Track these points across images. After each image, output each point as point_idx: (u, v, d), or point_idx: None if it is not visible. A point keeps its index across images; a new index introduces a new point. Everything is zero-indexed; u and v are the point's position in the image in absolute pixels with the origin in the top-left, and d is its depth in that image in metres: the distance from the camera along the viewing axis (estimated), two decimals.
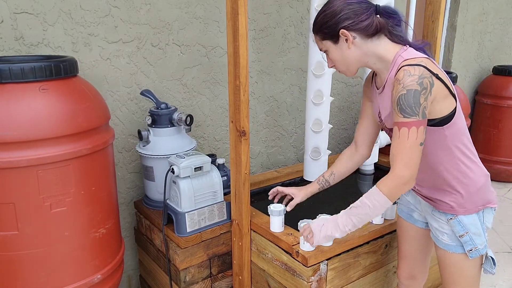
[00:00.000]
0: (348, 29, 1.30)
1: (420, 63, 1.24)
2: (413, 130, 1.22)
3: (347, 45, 1.33)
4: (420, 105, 1.21)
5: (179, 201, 1.84)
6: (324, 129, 1.97)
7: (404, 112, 1.22)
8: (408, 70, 1.23)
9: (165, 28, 2.16)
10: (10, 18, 1.76)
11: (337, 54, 1.37)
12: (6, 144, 1.37)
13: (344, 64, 1.38)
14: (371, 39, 1.32)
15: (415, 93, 1.20)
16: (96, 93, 1.65)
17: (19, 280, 1.49)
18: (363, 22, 1.29)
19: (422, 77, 1.21)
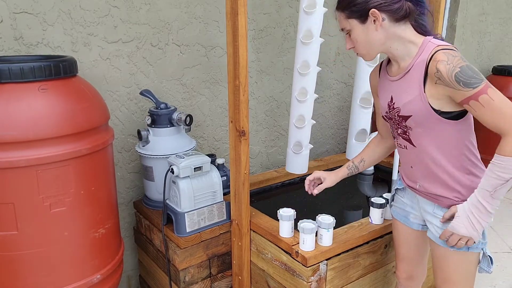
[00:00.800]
0: (379, 10, 1.28)
1: (452, 49, 1.25)
2: (491, 91, 1.21)
3: (375, 26, 1.30)
4: (479, 73, 1.22)
5: (179, 201, 1.83)
6: (306, 125, 2.00)
7: (470, 85, 1.21)
8: (449, 52, 1.24)
9: (165, 28, 2.15)
10: (9, 18, 1.76)
11: (362, 35, 1.33)
12: (6, 144, 1.36)
13: (366, 46, 1.35)
14: (398, 23, 1.30)
15: (468, 67, 1.21)
16: (96, 93, 1.65)
17: (19, 280, 1.49)
18: (395, 4, 1.27)
19: (462, 59, 1.23)
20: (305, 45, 1.90)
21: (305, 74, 1.93)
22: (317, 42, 1.91)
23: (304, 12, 1.88)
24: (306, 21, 1.88)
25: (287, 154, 2.12)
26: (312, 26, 1.88)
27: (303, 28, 1.90)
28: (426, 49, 1.29)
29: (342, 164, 2.64)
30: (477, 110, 1.24)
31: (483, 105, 1.21)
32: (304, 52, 1.92)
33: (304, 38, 1.90)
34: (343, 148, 3.15)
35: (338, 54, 2.91)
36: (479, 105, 1.22)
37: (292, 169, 2.14)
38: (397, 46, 1.34)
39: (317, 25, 1.89)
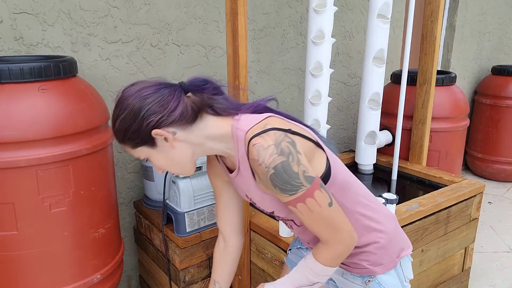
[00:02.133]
0: (161, 127, 1.01)
1: (266, 127, 1.00)
2: (310, 201, 1.00)
3: (169, 144, 1.04)
4: (297, 174, 0.98)
5: (179, 201, 1.84)
6: (321, 129, 1.98)
7: (287, 192, 0.99)
8: (259, 143, 0.98)
9: (165, 28, 2.16)
10: (9, 18, 1.76)
11: (161, 158, 1.08)
12: (6, 144, 1.37)
13: (175, 165, 1.10)
14: (194, 124, 1.05)
15: (284, 167, 0.97)
16: (96, 93, 1.65)
17: (19, 280, 1.49)
18: (175, 111, 1.01)
19: (278, 142, 0.98)
20: (317, 45, 1.87)
21: (318, 75, 1.91)
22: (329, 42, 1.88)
23: (315, 12, 1.85)
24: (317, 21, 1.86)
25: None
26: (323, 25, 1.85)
27: (314, 28, 1.87)
28: (239, 141, 1.05)
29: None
30: (303, 213, 1.03)
31: (302, 212, 1.03)
32: (316, 53, 1.89)
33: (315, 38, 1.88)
34: (343, 148, 3.16)
35: (337, 54, 2.91)
36: (298, 212, 1.03)
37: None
38: (210, 145, 1.09)
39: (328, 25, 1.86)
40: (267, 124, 1.02)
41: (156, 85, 1.03)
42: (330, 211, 1.03)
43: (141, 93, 1.01)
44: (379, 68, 2.18)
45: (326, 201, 1.02)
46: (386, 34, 2.14)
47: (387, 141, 2.64)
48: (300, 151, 1.00)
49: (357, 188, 1.17)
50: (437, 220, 2.00)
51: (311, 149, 1.06)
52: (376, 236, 1.17)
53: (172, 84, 1.05)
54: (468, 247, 2.25)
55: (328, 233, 1.05)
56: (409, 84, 2.47)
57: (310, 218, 1.03)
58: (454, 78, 2.75)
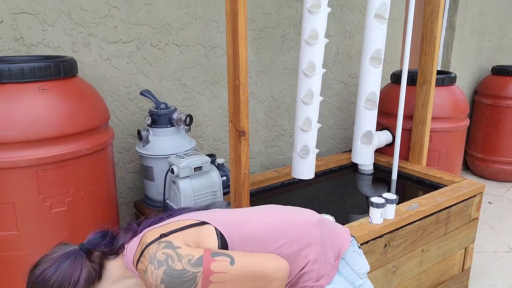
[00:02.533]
0: None
1: (142, 247, 1.01)
2: (215, 277, 0.97)
3: None
4: (185, 270, 0.95)
5: (179, 201, 1.84)
6: (313, 128, 1.98)
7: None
8: (141, 270, 0.98)
9: (165, 28, 2.16)
10: (9, 18, 1.76)
11: None
12: (6, 144, 1.37)
13: None
14: (101, 280, 1.06)
15: (168, 274, 0.95)
16: (96, 93, 1.66)
17: (19, 280, 1.49)
18: (80, 281, 1.01)
19: (153, 257, 0.97)
20: (311, 45, 1.89)
21: (311, 75, 1.92)
22: (322, 43, 1.89)
23: (309, 12, 1.86)
24: (311, 21, 1.87)
25: (293, 159, 2.09)
26: (317, 26, 1.86)
27: (308, 28, 1.89)
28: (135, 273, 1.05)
29: (342, 164, 2.65)
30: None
31: (222, 281, 0.98)
32: (310, 53, 1.90)
33: (309, 38, 1.89)
34: (342, 148, 3.16)
35: (337, 54, 2.91)
36: (219, 285, 0.98)
37: (299, 175, 2.07)
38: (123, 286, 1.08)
39: (322, 25, 1.87)
40: (143, 244, 1.02)
41: (56, 261, 1.04)
42: (238, 268, 0.99)
43: (44, 275, 1.02)
44: (375, 68, 2.18)
45: (227, 264, 0.98)
46: (384, 34, 2.14)
47: (387, 141, 2.64)
48: (180, 245, 0.99)
49: (264, 228, 1.12)
50: (437, 220, 2.00)
51: (193, 233, 1.05)
52: (304, 255, 1.12)
53: (72, 251, 1.06)
54: (468, 247, 2.25)
55: (257, 284, 1.02)
56: (409, 84, 2.47)
57: (237, 279, 0.99)
58: (454, 78, 2.75)
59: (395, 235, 1.84)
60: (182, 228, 1.06)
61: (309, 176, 2.09)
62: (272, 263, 1.05)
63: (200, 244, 1.04)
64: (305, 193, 2.33)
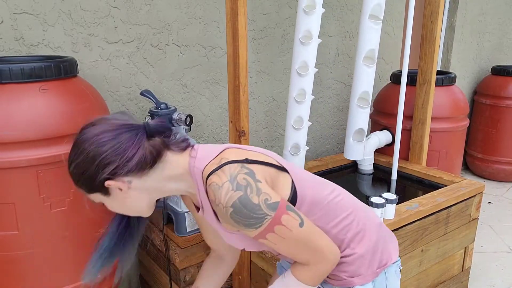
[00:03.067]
0: (115, 178, 0.95)
1: (220, 162, 0.96)
2: (278, 229, 0.95)
3: (123, 193, 0.99)
4: (259, 205, 0.92)
5: (179, 200, 1.84)
6: (304, 126, 2.01)
7: (252, 226, 0.94)
8: (215, 183, 0.94)
9: (165, 29, 2.16)
10: (10, 19, 1.76)
11: (117, 205, 1.03)
12: (6, 144, 1.37)
13: (132, 211, 1.05)
14: (153, 169, 0.99)
15: (242, 202, 0.92)
16: (96, 94, 1.66)
17: (19, 280, 1.49)
18: (132, 160, 0.94)
19: (233, 177, 0.93)
20: (304, 45, 1.90)
21: (304, 75, 1.94)
22: (315, 43, 1.91)
23: (304, 12, 1.88)
24: (306, 22, 1.89)
25: (283, 156, 2.12)
26: (311, 26, 1.88)
27: (302, 28, 1.90)
28: (198, 180, 1.01)
29: (341, 164, 2.65)
30: (276, 243, 0.97)
31: (274, 243, 0.97)
32: (304, 53, 1.92)
33: (303, 38, 1.91)
34: (342, 148, 3.16)
35: (337, 54, 2.92)
36: (269, 243, 0.98)
37: None
38: (170, 188, 1.05)
39: (316, 26, 1.89)
40: (222, 159, 0.97)
41: (117, 128, 0.95)
42: (303, 233, 0.97)
43: (99, 138, 0.94)
44: (369, 68, 2.19)
45: (296, 223, 0.96)
46: (378, 34, 2.16)
47: (387, 141, 2.64)
48: (260, 179, 0.96)
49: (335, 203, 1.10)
50: (437, 220, 2.00)
51: (273, 174, 1.01)
52: (353, 247, 1.10)
53: (135, 126, 0.97)
54: (467, 247, 2.25)
55: (307, 256, 1.00)
56: (409, 84, 2.47)
57: (285, 245, 0.98)
58: (454, 78, 2.75)
59: (395, 235, 1.84)
60: (266, 163, 1.01)
61: None
62: (331, 245, 1.02)
63: (274, 189, 1.00)
64: None
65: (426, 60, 2.44)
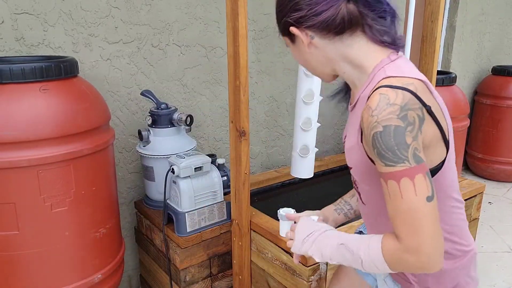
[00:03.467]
0: (298, 26, 0.95)
1: (408, 87, 0.86)
2: (405, 183, 0.82)
3: (304, 46, 0.97)
4: (408, 146, 0.82)
5: (179, 201, 1.84)
6: (313, 128, 2.00)
7: (386, 160, 0.83)
8: (386, 94, 0.84)
9: (165, 29, 2.16)
10: (10, 19, 1.76)
11: (298, 56, 1.04)
12: (7, 144, 1.37)
13: (309, 68, 1.05)
14: (339, 37, 0.93)
15: (396, 131, 0.82)
16: (97, 94, 1.66)
17: (20, 280, 1.49)
18: (321, 14, 0.90)
19: (406, 108, 0.83)
20: None
21: (311, 75, 1.94)
22: None
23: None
24: None
25: (292, 158, 2.11)
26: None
27: None
28: (374, 80, 0.92)
29: (341, 164, 2.65)
30: (391, 195, 0.85)
31: (389, 193, 0.85)
32: None
33: None
34: (342, 148, 3.16)
35: None
36: (386, 190, 0.86)
37: (298, 174, 2.10)
38: (345, 68, 0.98)
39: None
40: (412, 84, 0.87)
41: None
42: (422, 207, 0.82)
43: None
44: None
45: (425, 193, 0.82)
46: None
47: None
48: (422, 131, 0.85)
49: (454, 201, 1.00)
50: None
51: (435, 138, 0.91)
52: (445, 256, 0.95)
53: None
54: None
55: (406, 232, 0.84)
56: None
57: (396, 205, 0.84)
58: (454, 78, 2.75)
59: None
60: (439, 126, 0.91)
61: (309, 175, 2.10)
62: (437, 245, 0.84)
63: (425, 149, 0.89)
64: (306, 193, 2.34)
65: (427, 60, 2.44)
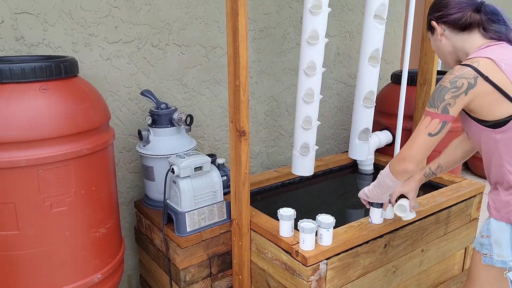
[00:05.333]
0: (437, 21, 1.42)
1: (471, 64, 1.28)
2: (427, 119, 1.33)
3: (438, 36, 1.44)
4: (443, 100, 1.29)
5: (179, 201, 1.84)
6: (313, 126, 2.00)
7: (429, 102, 1.34)
8: (456, 68, 1.30)
9: (165, 29, 2.16)
10: (10, 18, 1.76)
11: (433, 45, 1.50)
12: (7, 144, 1.37)
13: (440, 55, 1.49)
14: (461, 33, 1.38)
15: (443, 89, 1.29)
16: (97, 93, 1.66)
17: (20, 280, 1.49)
18: (452, 15, 1.37)
19: (459, 77, 1.27)
20: (311, 45, 1.90)
21: (312, 75, 1.93)
22: (323, 43, 1.91)
23: (310, 13, 1.87)
24: (312, 22, 1.88)
25: (293, 156, 2.11)
26: (318, 26, 1.88)
27: (309, 28, 1.90)
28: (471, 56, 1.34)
29: (342, 164, 2.65)
30: (419, 122, 1.36)
31: (421, 122, 1.36)
32: (310, 53, 1.92)
33: (310, 38, 1.90)
34: (343, 148, 3.16)
35: (338, 54, 2.92)
36: (421, 120, 1.36)
37: (299, 172, 2.12)
38: (462, 55, 1.40)
39: (323, 26, 1.89)
40: (476, 62, 1.28)
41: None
42: (423, 136, 1.33)
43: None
44: (374, 68, 2.19)
45: (431, 131, 1.33)
46: (382, 34, 2.16)
47: (387, 141, 2.64)
48: (470, 95, 1.27)
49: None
50: (437, 220, 2.00)
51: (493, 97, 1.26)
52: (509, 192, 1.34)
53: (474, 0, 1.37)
54: (468, 247, 2.25)
55: (405, 147, 1.39)
56: (409, 84, 2.47)
57: (417, 127, 1.36)
58: None
59: (395, 235, 1.84)
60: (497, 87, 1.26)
61: (309, 172, 2.11)
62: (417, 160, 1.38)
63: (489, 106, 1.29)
64: (306, 193, 2.34)
65: (427, 60, 2.44)
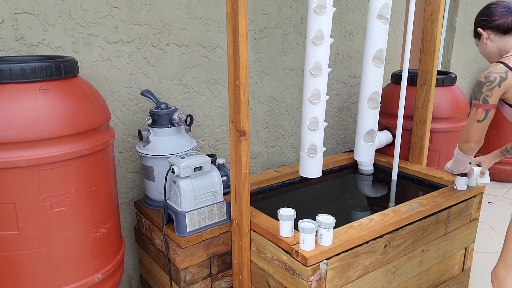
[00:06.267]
0: (483, 28, 1.69)
1: (504, 61, 1.58)
2: (473, 109, 1.65)
3: (484, 40, 1.70)
4: (481, 93, 1.60)
5: (179, 201, 1.84)
6: (320, 127, 1.99)
7: (473, 96, 1.64)
8: (492, 64, 1.60)
9: (165, 29, 2.16)
10: (10, 19, 1.76)
11: (480, 48, 1.75)
12: (7, 144, 1.37)
13: (486, 57, 1.75)
14: (504, 36, 1.65)
15: (479, 84, 1.61)
16: (97, 93, 1.66)
17: (20, 280, 1.49)
18: (495, 21, 1.64)
19: (493, 72, 1.57)
20: (317, 45, 1.90)
21: (318, 75, 1.93)
22: (328, 43, 1.91)
23: (315, 13, 1.87)
24: (317, 22, 1.88)
25: (301, 158, 2.10)
26: (323, 26, 1.88)
27: (314, 28, 1.90)
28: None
29: (342, 164, 2.65)
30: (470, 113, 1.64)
31: (471, 113, 1.65)
32: (316, 53, 1.92)
33: (315, 39, 1.90)
34: (343, 148, 3.16)
35: (338, 54, 2.92)
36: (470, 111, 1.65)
37: (307, 173, 2.09)
38: (504, 55, 1.63)
39: (328, 26, 1.88)
40: (507, 59, 1.58)
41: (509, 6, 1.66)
42: (474, 123, 1.66)
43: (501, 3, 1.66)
44: (378, 68, 2.19)
45: (478, 118, 1.64)
46: (386, 34, 2.16)
47: (388, 141, 2.64)
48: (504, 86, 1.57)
49: None
50: (437, 220, 2.00)
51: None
52: None
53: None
54: (468, 248, 2.25)
55: (464, 132, 1.74)
56: (409, 85, 2.47)
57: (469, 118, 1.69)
58: (454, 78, 2.75)
59: (395, 235, 1.84)
60: None
61: (318, 174, 2.10)
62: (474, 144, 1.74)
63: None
64: (306, 193, 2.34)
65: (427, 60, 2.44)
